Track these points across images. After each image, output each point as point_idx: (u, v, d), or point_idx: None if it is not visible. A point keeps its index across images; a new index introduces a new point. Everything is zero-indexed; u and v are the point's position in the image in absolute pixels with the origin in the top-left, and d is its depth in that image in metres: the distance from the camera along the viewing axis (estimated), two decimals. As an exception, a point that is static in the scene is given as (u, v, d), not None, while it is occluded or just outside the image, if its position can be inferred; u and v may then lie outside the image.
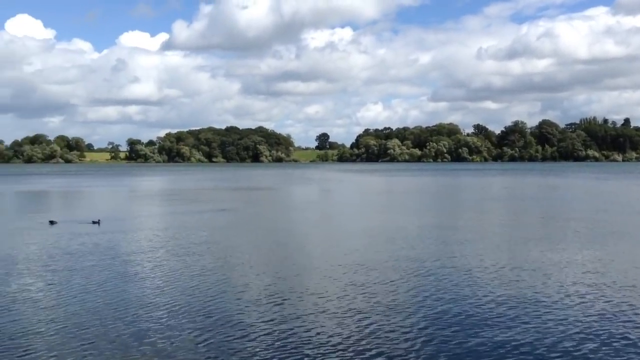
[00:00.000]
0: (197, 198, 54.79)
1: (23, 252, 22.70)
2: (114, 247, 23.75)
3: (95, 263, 20.17)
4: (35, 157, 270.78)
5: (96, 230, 29.03)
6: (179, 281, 17.34)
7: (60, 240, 25.43)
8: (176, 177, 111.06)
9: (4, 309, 14.33)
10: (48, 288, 16.64)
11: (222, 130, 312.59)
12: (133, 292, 16.08)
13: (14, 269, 19.31)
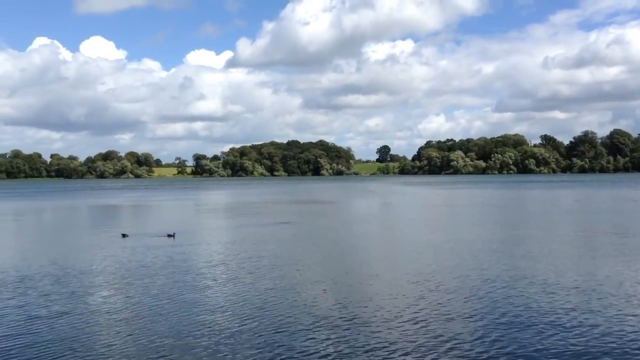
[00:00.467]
0: (261, 211, 55.76)
1: (99, 264, 23.78)
2: (187, 260, 24.50)
3: (169, 275, 20.90)
4: (107, 172, 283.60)
5: (169, 243, 30.00)
6: (249, 294, 17.71)
7: (135, 253, 26.46)
8: (240, 191, 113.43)
9: (82, 321, 15.10)
10: (125, 300, 17.38)
11: (284, 144, 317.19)
12: (206, 304, 16.56)
13: (91, 281, 20.29)
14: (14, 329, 14.01)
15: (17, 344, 12.82)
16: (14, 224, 48.29)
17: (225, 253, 26.40)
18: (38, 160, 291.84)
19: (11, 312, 15.67)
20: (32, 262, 24.05)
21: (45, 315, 15.21)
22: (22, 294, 17.83)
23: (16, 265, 23.36)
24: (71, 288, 18.69)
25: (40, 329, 14.02)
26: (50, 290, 18.23)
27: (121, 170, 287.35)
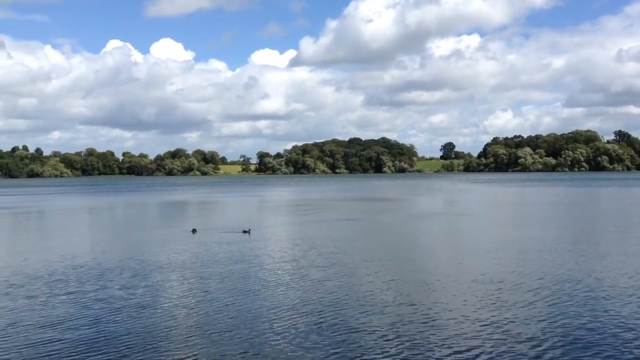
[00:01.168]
0: (326, 208, 56.09)
1: (174, 259, 24.59)
2: (260, 256, 24.90)
3: (243, 271, 21.34)
4: (175, 170, 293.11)
5: (242, 239, 30.52)
6: (320, 292, 17.82)
7: (208, 249, 27.09)
8: (303, 188, 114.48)
9: (160, 315, 15.70)
10: (201, 295, 17.92)
11: (346, 142, 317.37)
12: (280, 300, 16.84)
13: (168, 276, 21.04)
14: (98, 321, 14.72)
15: (101, 336, 13.49)
16: (92, 219, 50.75)
17: (295, 249, 26.71)
18: (111, 158, 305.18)
19: (95, 304, 16.47)
20: (111, 255, 25.21)
21: (126, 308, 15.91)
22: (104, 287, 18.71)
23: (96, 258, 24.53)
24: (149, 282, 19.46)
25: (121, 321, 14.68)
26: (130, 284, 19.05)
27: (188, 167, 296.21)
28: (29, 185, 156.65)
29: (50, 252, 26.80)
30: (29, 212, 56.47)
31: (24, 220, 49.07)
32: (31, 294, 17.68)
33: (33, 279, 19.92)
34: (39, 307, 16.04)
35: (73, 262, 23.43)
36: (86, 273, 21.02)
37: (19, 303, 16.51)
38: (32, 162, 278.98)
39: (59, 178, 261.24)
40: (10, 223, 46.03)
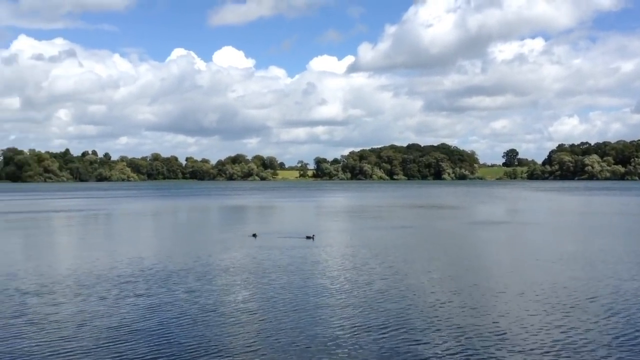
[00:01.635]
0: (384, 215, 55.75)
1: (237, 263, 24.99)
2: (322, 262, 25.02)
3: (305, 277, 21.47)
4: (235, 174, 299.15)
5: (305, 244, 30.75)
6: (381, 300, 17.72)
7: (270, 254, 27.43)
8: (361, 194, 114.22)
9: (224, 318, 15.98)
10: (263, 299, 18.16)
11: (404, 147, 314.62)
12: (341, 308, 16.83)
13: (232, 280, 21.41)
14: (164, 324, 15.15)
15: (166, 339, 13.87)
16: (157, 222, 52.42)
17: (357, 256, 26.57)
18: (175, 163, 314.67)
19: (161, 307, 16.97)
20: (175, 259, 25.92)
21: (190, 312, 16.30)
22: (170, 290, 19.26)
23: (162, 261, 25.28)
24: (213, 286, 19.88)
25: (185, 325, 15.04)
26: (194, 288, 19.51)
27: (248, 172, 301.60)
28: (98, 189, 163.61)
29: (119, 254, 27.83)
30: (98, 215, 58.93)
31: (93, 222, 51.24)
32: (101, 295, 18.40)
33: (103, 281, 20.73)
34: (108, 308, 16.67)
35: (140, 265, 24.24)
36: (153, 276, 21.70)
37: (90, 304, 17.20)
38: (100, 166, 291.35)
39: (126, 182, 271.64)
40: (80, 225, 48.16)
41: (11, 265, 24.47)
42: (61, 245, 34.04)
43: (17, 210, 65.41)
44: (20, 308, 16.62)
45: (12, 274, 22.24)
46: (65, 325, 14.83)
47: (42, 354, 12.54)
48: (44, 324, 14.91)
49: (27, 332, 14.24)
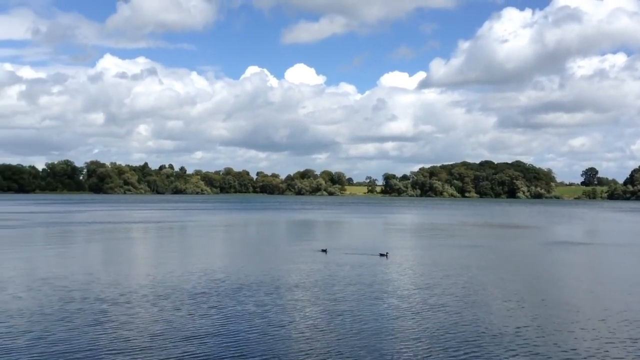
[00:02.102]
0: (457, 233, 54.40)
1: (304, 279, 24.95)
2: (393, 280, 24.70)
3: (376, 295, 21.20)
4: (304, 189, 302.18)
5: (374, 261, 30.46)
6: (453, 324, 17.21)
7: (340, 270, 27.30)
8: (431, 211, 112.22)
9: (294, 334, 15.97)
10: (332, 317, 18.02)
11: (476, 164, 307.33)
12: (408, 330, 16.47)
13: (302, 295, 21.43)
14: (235, 336, 15.29)
15: (237, 352, 13.99)
16: (229, 234, 53.50)
17: (430, 276, 26.00)
18: (246, 177, 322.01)
19: (233, 320, 17.17)
20: (247, 272, 26.27)
21: (261, 326, 16.39)
22: (241, 302, 19.48)
23: (234, 274, 25.68)
24: (283, 300, 19.94)
25: (256, 339, 15.11)
26: (264, 302, 19.65)
27: (316, 187, 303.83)
28: (173, 201, 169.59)
29: (193, 265, 28.54)
30: (173, 227, 60.93)
31: (169, 233, 52.99)
32: (176, 306, 18.86)
33: (177, 292, 21.26)
34: (182, 320, 17.03)
35: (213, 277, 24.72)
36: (225, 288, 22.05)
37: (165, 315, 17.65)
38: (176, 179, 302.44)
39: (200, 195, 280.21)
40: (156, 236, 49.92)
41: (91, 274, 25.60)
42: (138, 256, 35.34)
43: (98, 220, 68.73)
44: (98, 316, 17.27)
45: (92, 282, 23.23)
46: (140, 335, 15.26)
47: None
48: (120, 333, 15.41)
49: (103, 339, 14.76)
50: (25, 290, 21.30)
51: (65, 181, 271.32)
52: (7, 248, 36.89)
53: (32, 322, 16.45)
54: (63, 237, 45.93)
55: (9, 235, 46.32)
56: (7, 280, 23.37)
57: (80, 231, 52.27)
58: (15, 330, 15.46)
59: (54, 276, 24.49)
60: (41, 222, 63.59)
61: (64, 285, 22.18)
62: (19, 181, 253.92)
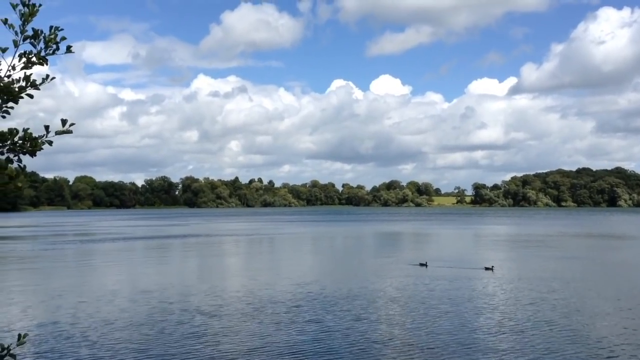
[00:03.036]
0: (555, 244, 51.38)
1: (404, 293, 24.21)
2: (494, 295, 23.56)
3: (474, 311, 20.28)
4: (390, 201, 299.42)
5: (479, 275, 29.13)
6: (563, 343, 16.04)
7: (441, 284, 26.15)
8: (526, 222, 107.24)
9: (384, 352, 15.43)
10: (430, 332, 17.34)
11: (573, 172, 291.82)
12: (510, 347, 15.51)
13: (397, 310, 20.84)
14: (334, 352, 14.99)
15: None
16: (320, 247, 53.58)
17: (532, 290, 24.56)
18: (332, 189, 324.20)
19: (332, 334, 16.87)
20: (342, 285, 25.89)
21: (358, 341, 15.97)
22: (338, 316, 19.18)
23: (329, 286, 25.41)
24: (381, 314, 19.43)
25: (354, 354, 14.74)
26: (362, 315, 19.21)
27: (403, 198, 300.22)
28: (263, 214, 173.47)
29: (287, 277, 28.65)
30: (263, 239, 62.01)
31: (260, 245, 53.93)
32: (273, 319, 18.82)
33: (273, 304, 21.29)
34: (280, 333, 16.94)
35: (308, 289, 24.59)
36: (321, 301, 21.82)
37: (263, 328, 17.64)
38: (265, 192, 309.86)
39: (287, 207, 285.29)
40: (249, 248, 50.93)
41: (189, 286, 26.32)
42: (232, 268, 36.06)
43: (194, 233, 71.31)
44: (197, 328, 17.55)
45: (190, 294, 23.81)
46: (239, 347, 15.30)
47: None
48: (218, 345, 15.53)
49: (203, 352, 14.90)
50: (128, 302, 22.15)
51: (163, 196, 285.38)
52: (111, 261, 38.88)
53: (135, 333, 16.96)
54: (162, 250, 47.88)
55: (113, 249, 48.93)
56: (111, 292, 24.45)
57: (177, 244, 54.34)
58: (119, 340, 15.98)
59: (154, 288, 25.36)
60: (142, 235, 66.85)
61: (164, 297, 22.88)
62: (121, 197, 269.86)
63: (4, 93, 3.85)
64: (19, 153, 3.91)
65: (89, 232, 76.41)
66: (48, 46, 3.90)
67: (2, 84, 3.81)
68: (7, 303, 22.19)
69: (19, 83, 3.85)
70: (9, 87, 3.84)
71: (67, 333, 16.74)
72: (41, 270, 34.03)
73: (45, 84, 3.94)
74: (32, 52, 3.93)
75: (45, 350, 14.96)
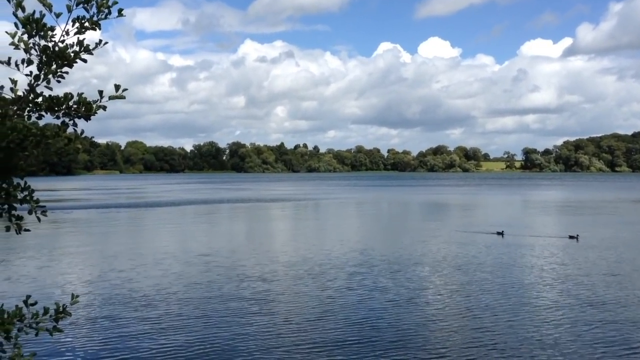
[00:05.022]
0: (630, 211, 49.73)
1: (477, 262, 23.08)
2: (587, 264, 22.76)
3: (568, 280, 19.70)
4: (436, 166, 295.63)
5: (563, 243, 27.94)
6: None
7: (519, 253, 24.99)
8: (588, 187, 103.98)
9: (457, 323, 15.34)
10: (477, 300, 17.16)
11: (628, 136, 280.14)
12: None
13: (473, 278, 20.71)
14: (400, 322, 15.02)
15: (401, 336, 13.69)
16: (372, 213, 53.36)
17: (623, 261, 23.28)
18: (377, 155, 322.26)
19: (402, 305, 16.94)
20: (415, 252, 25.68)
21: (448, 316, 15.98)
22: (415, 286, 19.18)
23: (399, 253, 25.32)
24: (466, 285, 19.30)
25: (422, 325, 14.74)
26: (423, 280, 19.19)
27: (450, 164, 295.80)
28: (308, 179, 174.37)
29: (341, 243, 28.59)
30: (313, 204, 62.39)
31: (307, 210, 54.30)
32: (335, 284, 18.87)
33: (335, 268, 21.32)
34: (341, 298, 16.99)
35: (372, 255, 24.40)
36: (385, 267, 21.62)
37: (326, 293, 17.72)
38: (310, 158, 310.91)
39: (332, 172, 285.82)
40: (295, 213, 51.39)
41: (241, 250, 26.82)
42: (280, 232, 36.48)
43: (242, 198, 72.40)
44: (251, 291, 17.83)
45: (243, 258, 24.19)
46: (302, 313, 15.48)
47: (263, 338, 13.20)
48: (277, 307, 15.77)
49: (259, 314, 15.18)
50: (182, 265, 22.69)
51: (210, 161, 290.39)
52: (163, 224, 39.95)
53: (189, 295, 17.39)
54: (212, 214, 48.87)
55: (165, 212, 50.24)
56: (164, 255, 25.12)
57: (227, 208, 55.32)
58: (172, 301, 16.43)
59: (207, 251, 25.87)
60: (192, 200, 68.31)
61: (218, 261, 23.32)
62: (170, 162, 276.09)
63: (59, 58, 3.89)
64: (74, 117, 3.99)
65: (141, 195, 78.72)
66: (100, 11, 3.91)
67: (57, 49, 3.85)
68: (64, 265, 23.17)
69: (72, 48, 3.89)
70: (64, 52, 3.88)
71: (120, 295, 17.35)
72: (96, 233, 35.35)
73: (98, 49, 3.96)
74: (84, 17, 3.95)
75: (99, 309, 15.57)
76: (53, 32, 3.84)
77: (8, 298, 15.48)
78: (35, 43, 3.83)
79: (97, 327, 13.85)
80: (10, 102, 3.89)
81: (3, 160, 3.83)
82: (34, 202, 4.05)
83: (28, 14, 3.77)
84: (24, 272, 20.53)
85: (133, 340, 12.89)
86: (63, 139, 3.95)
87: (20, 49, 3.85)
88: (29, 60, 3.85)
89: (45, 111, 3.95)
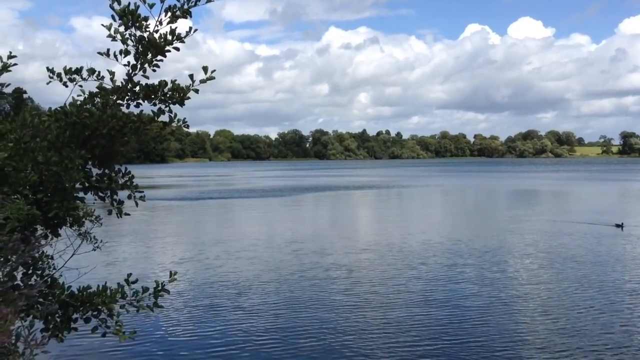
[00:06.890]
0: None
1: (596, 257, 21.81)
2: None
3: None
4: (526, 151, 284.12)
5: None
6: None
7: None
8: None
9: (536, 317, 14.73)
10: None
11: None
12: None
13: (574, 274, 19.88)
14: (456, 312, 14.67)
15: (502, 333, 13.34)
16: (461, 201, 52.34)
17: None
18: (462, 141, 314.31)
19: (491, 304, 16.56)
20: (525, 244, 24.86)
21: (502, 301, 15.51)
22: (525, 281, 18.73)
23: (506, 244, 24.80)
24: (588, 281, 18.70)
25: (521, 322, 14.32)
26: (551, 278, 18.61)
27: (541, 149, 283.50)
28: (391, 166, 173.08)
29: (436, 232, 28.13)
30: (390, 192, 61.92)
31: (390, 198, 53.94)
32: (430, 274, 18.81)
33: (429, 258, 21.19)
34: (438, 289, 16.87)
35: (452, 246, 23.79)
36: (489, 259, 21.05)
37: (417, 286, 17.71)
38: (393, 145, 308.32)
39: (415, 159, 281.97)
40: (380, 201, 51.18)
41: (332, 238, 27.05)
42: (367, 220, 36.45)
43: (328, 185, 73.04)
44: (343, 280, 17.93)
45: (327, 248, 24.20)
46: (396, 300, 15.48)
47: (360, 331, 13.23)
48: (373, 294, 15.83)
49: (349, 303, 15.26)
50: (273, 251, 23.20)
51: (294, 149, 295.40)
52: (252, 211, 41.04)
53: (280, 282, 17.78)
54: (299, 202, 49.63)
55: (253, 199, 51.63)
56: (255, 241, 25.79)
57: (313, 196, 55.89)
58: (263, 286, 16.86)
59: (299, 238, 26.17)
60: (279, 186, 69.78)
61: (309, 248, 23.62)
62: (256, 150, 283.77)
63: (154, 47, 4.04)
64: (169, 104, 4.15)
65: (230, 182, 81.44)
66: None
67: (151, 38, 4.00)
68: (159, 248, 24.39)
69: (166, 37, 4.03)
70: (158, 42, 4.03)
71: (212, 279, 17.99)
72: (187, 219, 36.93)
73: (189, 37, 4.07)
74: (175, 6, 4.07)
75: (192, 293, 16.25)
76: (147, 22, 3.99)
77: (108, 279, 16.45)
78: (131, 34, 3.99)
79: (190, 310, 14.43)
80: (111, 91, 4.10)
81: (105, 147, 4.05)
82: (134, 188, 4.26)
83: (124, 6, 3.94)
84: (120, 256, 21.77)
85: (226, 324, 13.30)
86: (159, 124, 4.14)
87: (117, 41, 4.03)
88: (126, 51, 4.02)
89: (143, 99, 4.13)
